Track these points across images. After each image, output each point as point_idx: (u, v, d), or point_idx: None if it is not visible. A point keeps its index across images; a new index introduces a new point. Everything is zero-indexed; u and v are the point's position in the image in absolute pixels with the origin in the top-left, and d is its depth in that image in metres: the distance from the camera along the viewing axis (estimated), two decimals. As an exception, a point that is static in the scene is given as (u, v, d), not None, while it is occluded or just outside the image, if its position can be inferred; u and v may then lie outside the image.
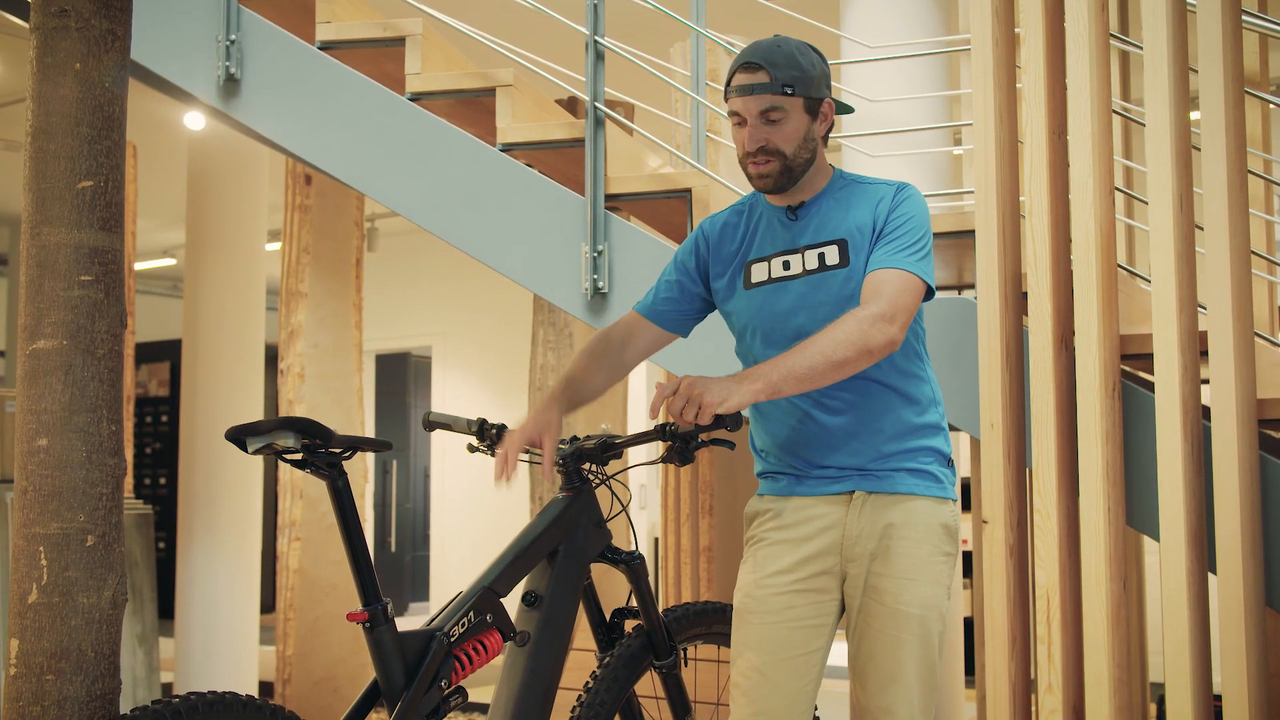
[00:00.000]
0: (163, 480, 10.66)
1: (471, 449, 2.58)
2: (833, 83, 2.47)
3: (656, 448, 2.45)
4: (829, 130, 2.41)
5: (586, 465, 2.55)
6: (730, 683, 2.44)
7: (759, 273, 2.43)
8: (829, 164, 2.45)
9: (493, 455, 2.58)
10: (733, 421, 2.13)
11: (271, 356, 6.51)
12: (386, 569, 10.37)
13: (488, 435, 2.55)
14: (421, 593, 10.37)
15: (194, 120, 6.05)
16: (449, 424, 2.60)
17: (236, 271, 6.09)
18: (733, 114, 2.36)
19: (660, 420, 3.08)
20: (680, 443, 2.32)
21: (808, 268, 2.37)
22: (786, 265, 2.39)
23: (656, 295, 2.59)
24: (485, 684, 2.81)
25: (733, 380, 2.12)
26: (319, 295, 5.74)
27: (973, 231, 2.87)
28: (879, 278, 2.27)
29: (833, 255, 2.36)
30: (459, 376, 9.73)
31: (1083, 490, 2.63)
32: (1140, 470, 2.71)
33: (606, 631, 2.67)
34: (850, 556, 2.36)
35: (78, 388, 2.11)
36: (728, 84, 2.37)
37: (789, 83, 2.31)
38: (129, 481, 5.48)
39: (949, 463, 2.43)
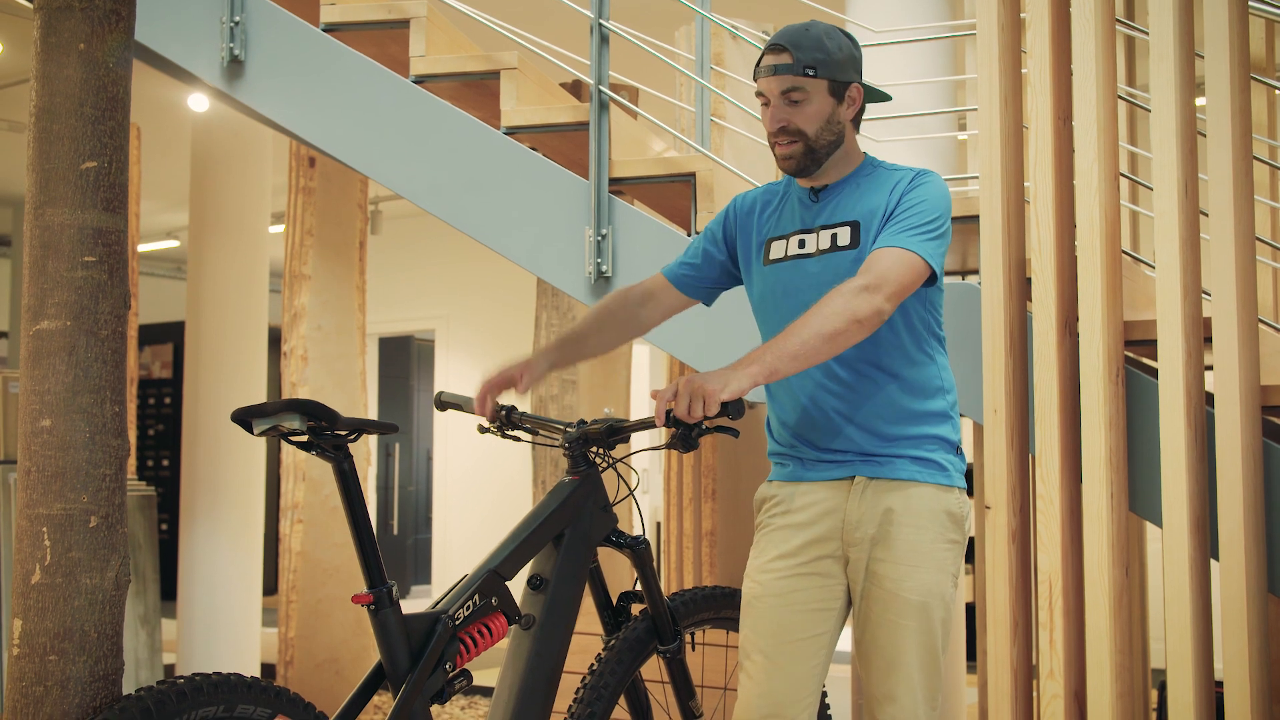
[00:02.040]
0: (165, 462, 10.67)
1: (482, 430, 2.61)
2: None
3: (660, 431, 2.47)
4: (858, 115, 2.44)
5: (593, 449, 2.56)
6: (736, 665, 2.45)
7: (777, 250, 2.47)
8: (861, 151, 2.47)
9: (503, 436, 2.61)
10: (735, 409, 2.13)
11: (274, 339, 6.50)
12: (389, 551, 10.39)
13: (497, 416, 2.57)
14: (424, 575, 10.39)
15: (198, 102, 6.04)
16: (461, 404, 2.64)
17: (240, 254, 6.09)
18: (759, 95, 2.41)
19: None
20: (683, 430, 2.33)
21: (820, 247, 2.40)
22: (802, 244, 2.43)
23: (681, 260, 2.65)
24: (490, 667, 2.81)
25: (729, 368, 2.14)
26: (322, 278, 5.73)
27: (977, 217, 2.86)
28: (875, 254, 2.28)
29: (844, 236, 2.38)
30: (462, 359, 9.73)
31: (1085, 476, 2.63)
32: (1143, 456, 2.71)
33: (613, 615, 2.68)
34: (851, 541, 2.37)
35: (81, 369, 2.12)
36: (757, 66, 2.41)
37: (811, 64, 2.35)
38: (132, 463, 5.48)
39: (957, 451, 2.43)
